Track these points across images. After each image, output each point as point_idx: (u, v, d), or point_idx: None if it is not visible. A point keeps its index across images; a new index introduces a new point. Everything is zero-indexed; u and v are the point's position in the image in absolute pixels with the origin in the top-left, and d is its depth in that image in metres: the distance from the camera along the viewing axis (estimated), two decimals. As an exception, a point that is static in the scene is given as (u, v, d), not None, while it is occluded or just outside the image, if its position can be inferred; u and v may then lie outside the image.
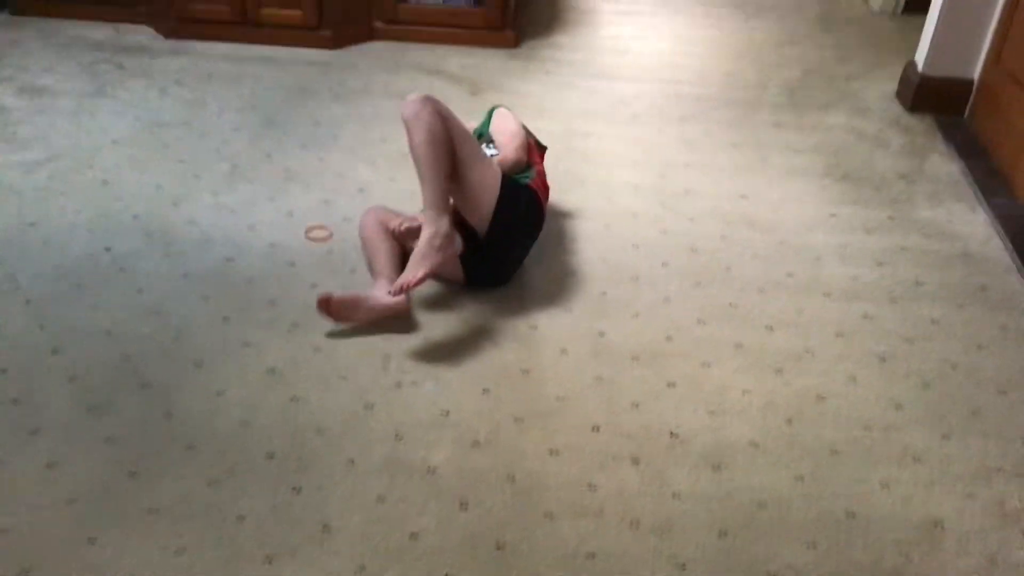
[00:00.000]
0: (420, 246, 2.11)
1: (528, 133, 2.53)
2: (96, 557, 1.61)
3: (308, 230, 2.53)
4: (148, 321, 2.17)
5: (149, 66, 3.47)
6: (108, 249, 2.42)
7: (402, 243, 2.32)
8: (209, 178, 2.76)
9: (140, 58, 3.53)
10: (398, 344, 2.13)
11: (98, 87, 3.29)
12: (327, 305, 2.11)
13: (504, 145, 2.40)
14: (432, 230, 2.11)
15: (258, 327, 2.17)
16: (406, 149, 2.95)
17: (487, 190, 2.20)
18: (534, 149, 2.52)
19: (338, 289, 2.19)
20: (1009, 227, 2.63)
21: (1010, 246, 2.56)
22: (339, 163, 2.87)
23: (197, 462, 1.80)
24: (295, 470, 1.80)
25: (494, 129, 2.48)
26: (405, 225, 2.26)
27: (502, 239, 2.25)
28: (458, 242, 2.22)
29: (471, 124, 2.71)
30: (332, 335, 2.15)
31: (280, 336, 2.14)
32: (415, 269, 2.09)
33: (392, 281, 2.18)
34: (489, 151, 2.42)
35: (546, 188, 2.43)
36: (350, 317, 2.15)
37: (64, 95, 3.22)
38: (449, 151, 2.15)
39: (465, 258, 2.27)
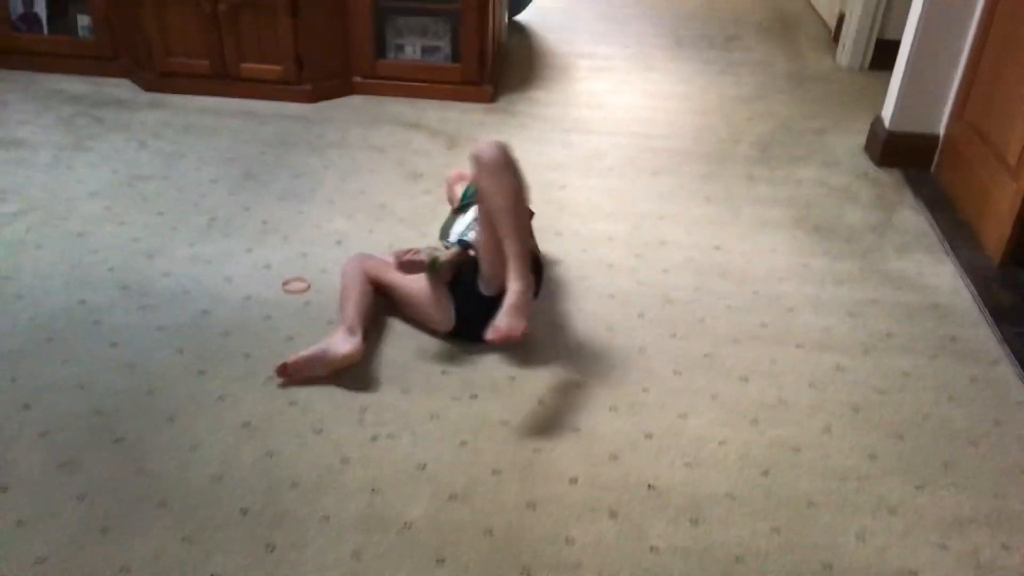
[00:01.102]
0: (516, 299, 2.09)
1: None
2: (64, 618, 1.57)
3: (286, 282, 2.53)
4: (122, 375, 2.16)
5: (128, 119, 3.49)
6: (83, 302, 2.41)
7: (405, 272, 2.25)
8: (186, 230, 2.77)
9: (119, 111, 3.55)
10: (374, 397, 2.13)
11: (76, 140, 3.30)
12: (284, 371, 2.14)
13: None
14: (525, 284, 2.12)
15: (233, 380, 2.16)
16: (383, 201, 3.00)
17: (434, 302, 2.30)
18: None
19: (310, 343, 2.19)
20: (976, 278, 2.69)
21: (978, 297, 2.61)
22: (317, 215, 2.89)
23: (170, 518, 1.78)
24: (269, 526, 1.78)
25: None
26: (410, 256, 2.23)
27: None
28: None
29: (459, 186, 2.75)
30: (308, 389, 2.14)
31: (255, 389, 2.13)
32: (518, 321, 2.06)
33: (352, 331, 2.20)
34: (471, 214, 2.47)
35: None
36: (311, 374, 2.15)
37: (42, 147, 3.23)
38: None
39: (460, 308, 2.28)
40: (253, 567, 1.69)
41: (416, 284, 2.30)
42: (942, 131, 3.30)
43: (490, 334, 2.05)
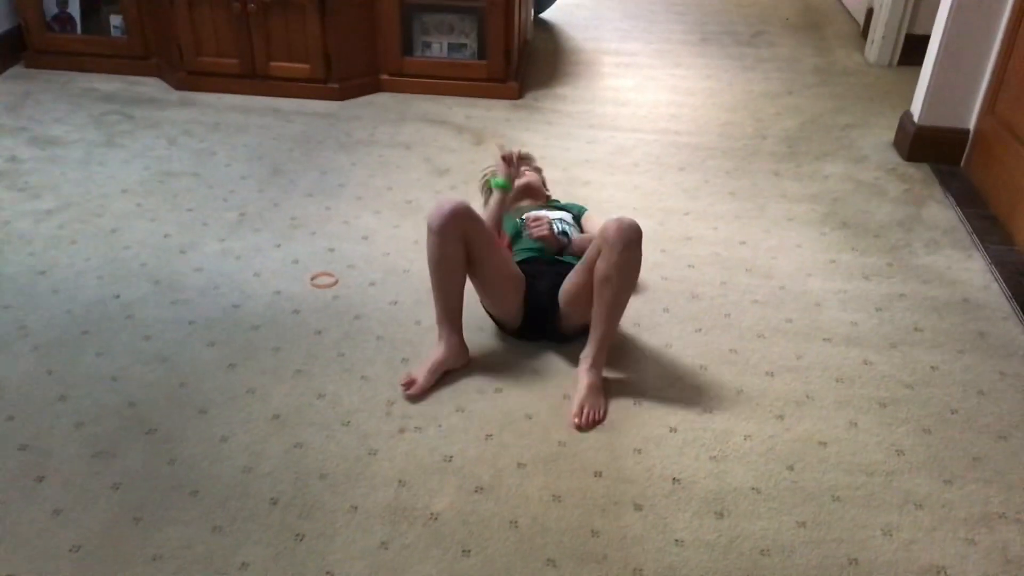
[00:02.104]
0: (592, 380, 2.12)
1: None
2: (99, 604, 1.61)
3: (313, 277, 2.56)
4: (154, 368, 2.20)
5: (159, 117, 3.54)
6: (116, 296, 2.45)
7: (517, 165, 2.40)
8: (216, 226, 2.81)
9: (149, 109, 3.60)
10: (401, 391, 2.15)
11: (108, 137, 3.36)
12: (419, 393, 2.14)
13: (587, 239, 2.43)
14: (600, 368, 2.15)
15: (262, 374, 2.19)
16: (410, 197, 3.02)
17: (511, 296, 2.25)
18: None
19: (337, 338, 2.21)
20: (1007, 273, 2.66)
21: (1008, 292, 2.58)
22: (344, 211, 2.92)
23: (200, 508, 1.81)
24: (298, 516, 1.80)
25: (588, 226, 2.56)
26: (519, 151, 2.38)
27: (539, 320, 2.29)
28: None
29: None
30: (335, 382, 2.17)
31: (284, 383, 2.16)
32: (599, 402, 2.10)
33: (458, 333, 2.20)
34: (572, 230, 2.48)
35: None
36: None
37: (75, 145, 3.29)
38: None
39: (530, 309, 2.27)
40: (282, 556, 1.71)
41: (508, 268, 2.24)
42: (972, 125, 3.27)
43: (576, 420, 2.06)
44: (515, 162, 2.41)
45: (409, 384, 2.13)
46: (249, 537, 1.75)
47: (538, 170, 2.76)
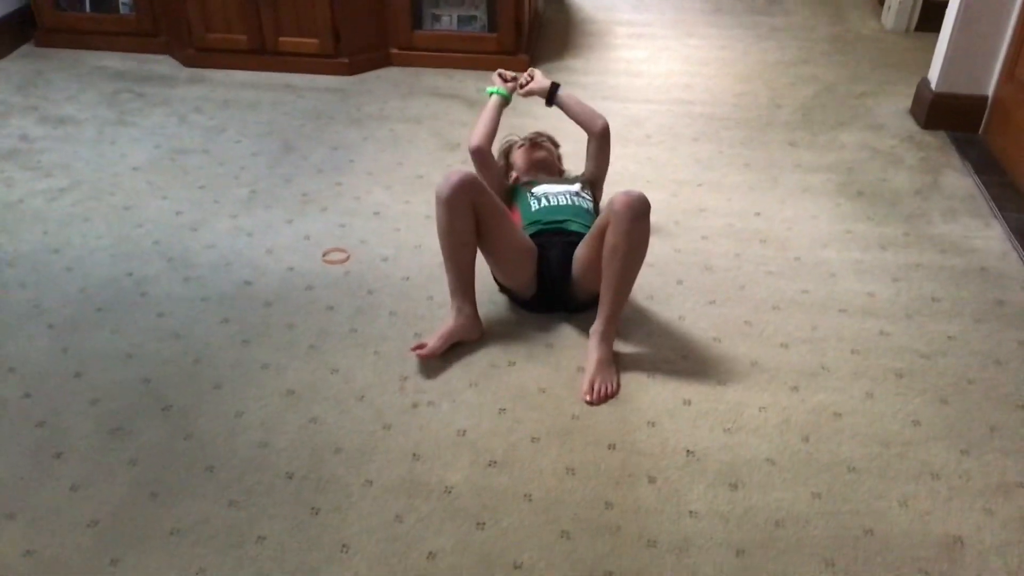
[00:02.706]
0: (603, 355, 2.11)
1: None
2: (118, 578, 1.63)
3: (325, 253, 2.56)
4: (168, 344, 2.20)
5: (169, 94, 3.53)
6: (130, 274, 2.46)
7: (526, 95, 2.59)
8: (228, 203, 2.80)
9: (160, 87, 3.60)
10: (414, 365, 2.15)
11: (119, 115, 3.36)
12: (430, 356, 2.15)
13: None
14: (611, 342, 2.15)
15: (276, 350, 2.19)
16: (421, 172, 3.01)
17: (523, 266, 2.25)
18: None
19: (350, 313, 2.21)
20: (1025, 242, 2.63)
21: (1027, 261, 2.55)
22: (355, 187, 2.91)
23: (217, 483, 1.82)
24: (313, 490, 1.81)
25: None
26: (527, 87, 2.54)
27: (554, 290, 2.28)
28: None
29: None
30: (349, 358, 2.17)
31: (298, 358, 2.17)
32: (610, 377, 2.09)
33: (471, 304, 2.20)
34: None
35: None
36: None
37: (86, 124, 3.29)
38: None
39: (543, 278, 2.27)
40: (298, 530, 1.72)
41: (518, 238, 2.23)
42: (991, 92, 3.21)
43: (587, 397, 2.06)
44: (511, 80, 2.58)
45: (420, 347, 2.14)
46: (265, 511, 1.76)
47: (556, 145, 2.75)
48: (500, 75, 2.59)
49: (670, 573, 1.65)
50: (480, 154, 2.43)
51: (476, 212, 2.10)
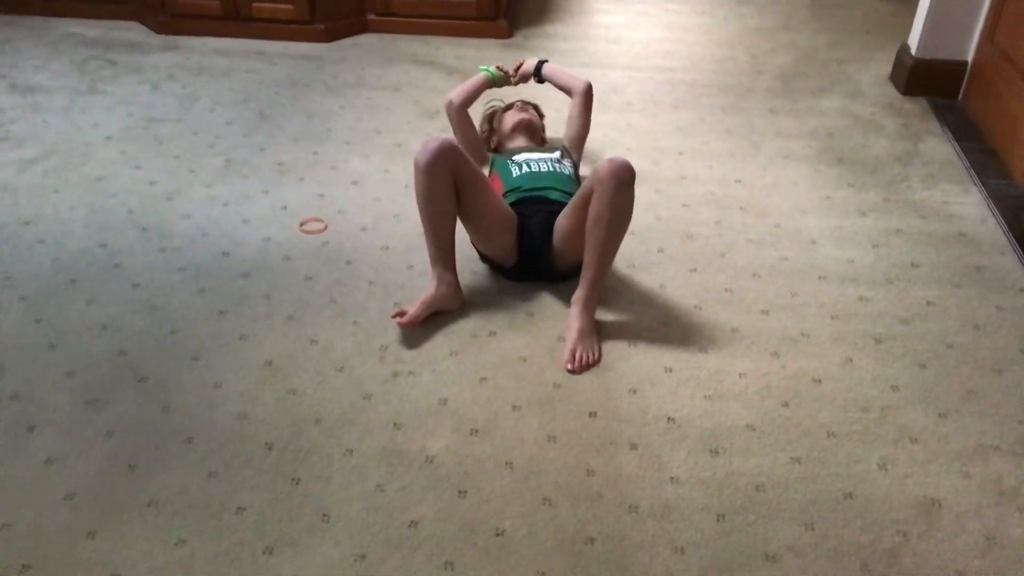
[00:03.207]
0: (584, 325, 2.09)
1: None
2: (96, 551, 1.61)
3: (303, 223, 2.53)
4: (144, 316, 2.17)
5: (141, 62, 3.46)
6: (103, 245, 2.42)
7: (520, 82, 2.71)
8: (203, 173, 2.76)
9: (131, 54, 3.52)
10: (395, 335, 2.13)
11: (90, 84, 3.29)
12: (410, 323, 2.12)
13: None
14: (592, 311, 2.13)
15: (254, 320, 2.17)
16: (400, 140, 2.98)
17: (503, 234, 2.23)
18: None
19: (328, 284, 2.19)
20: (1004, 207, 2.64)
21: (1005, 226, 2.56)
22: (333, 156, 2.87)
23: (196, 455, 1.81)
24: (293, 461, 1.80)
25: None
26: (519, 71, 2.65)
27: (535, 259, 2.26)
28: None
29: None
30: (328, 329, 2.15)
31: (276, 329, 2.15)
32: (591, 345, 2.08)
33: (452, 272, 2.18)
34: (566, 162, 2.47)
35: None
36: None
37: (57, 92, 3.22)
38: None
39: (524, 246, 2.25)
40: (279, 500, 1.71)
41: (498, 206, 2.22)
42: (971, 57, 3.21)
43: (568, 365, 2.05)
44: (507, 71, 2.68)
45: (400, 314, 2.12)
46: (245, 482, 1.75)
47: (541, 116, 2.74)
48: (499, 66, 2.70)
49: (651, 538, 1.66)
50: (457, 111, 2.46)
51: (455, 179, 2.08)
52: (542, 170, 2.36)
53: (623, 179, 2.00)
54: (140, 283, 2.28)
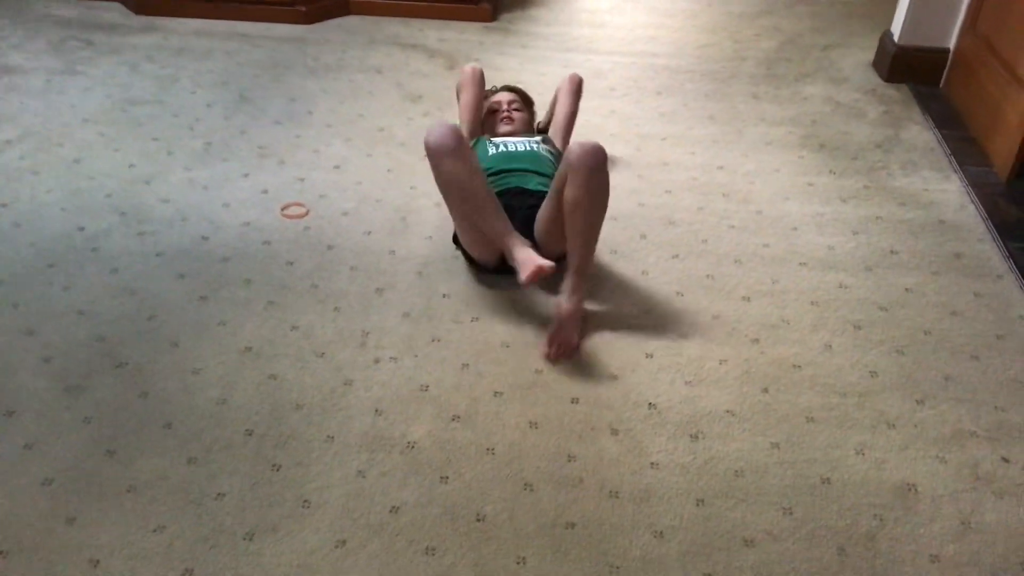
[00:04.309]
0: (568, 313, 2.07)
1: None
2: (75, 536, 1.60)
3: (284, 207, 2.51)
4: (122, 300, 2.16)
5: (119, 43, 3.42)
6: (81, 229, 2.39)
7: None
8: (182, 156, 2.73)
9: (110, 35, 3.48)
10: (375, 322, 2.13)
11: (68, 64, 3.24)
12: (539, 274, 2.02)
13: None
14: (579, 298, 2.11)
15: (234, 306, 2.16)
16: (382, 124, 2.96)
17: (488, 249, 2.22)
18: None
19: (309, 269, 2.18)
20: (983, 195, 2.66)
21: (984, 213, 2.58)
22: (314, 139, 2.85)
23: (175, 440, 1.80)
24: (274, 447, 1.80)
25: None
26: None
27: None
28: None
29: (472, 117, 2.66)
30: (308, 314, 2.14)
31: (256, 315, 2.13)
32: (572, 334, 2.07)
33: (517, 237, 2.10)
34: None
35: None
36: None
37: (33, 73, 3.17)
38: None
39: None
40: (259, 486, 1.71)
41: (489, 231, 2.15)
42: (953, 45, 3.22)
43: (546, 351, 2.04)
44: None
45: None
46: (225, 468, 1.75)
47: (530, 103, 2.70)
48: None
49: (631, 523, 1.67)
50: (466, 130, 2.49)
51: (468, 150, 2.05)
52: (519, 150, 2.35)
53: (593, 165, 1.99)
54: (118, 268, 2.26)
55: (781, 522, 1.68)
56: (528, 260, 2.02)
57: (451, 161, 2.03)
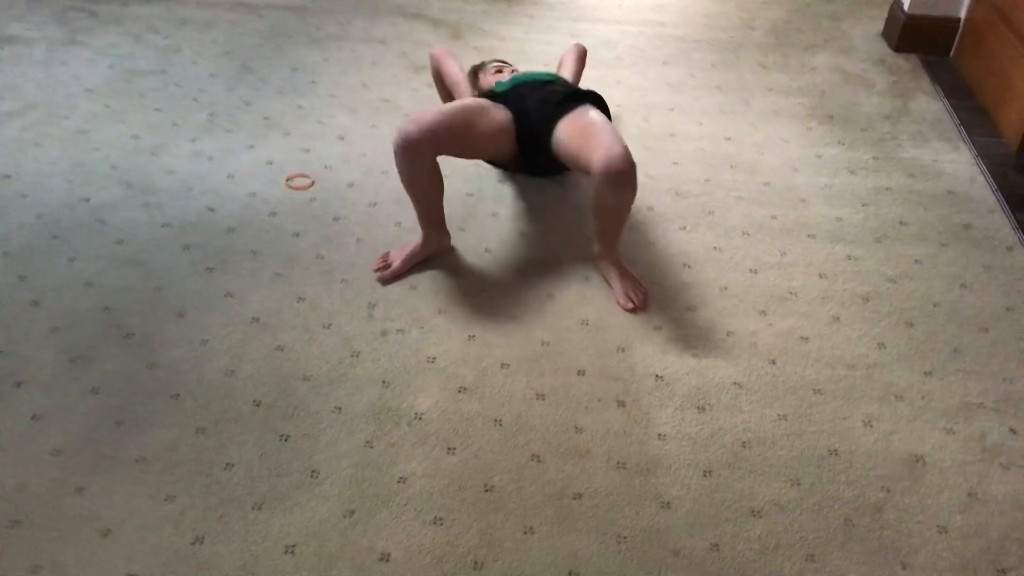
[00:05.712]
0: (623, 271, 2.15)
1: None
2: (85, 507, 1.61)
3: (289, 178, 2.50)
4: (129, 272, 2.15)
5: (121, 13, 3.38)
6: (86, 200, 2.38)
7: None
8: (187, 127, 2.72)
9: (112, 5, 3.44)
10: (382, 293, 2.12)
11: (70, 35, 3.21)
12: (392, 278, 2.16)
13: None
14: (619, 264, 2.17)
15: (240, 277, 2.15)
16: (386, 95, 2.93)
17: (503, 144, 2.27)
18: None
19: (315, 240, 2.17)
20: (993, 166, 2.64)
21: (994, 185, 2.56)
22: (318, 110, 2.83)
23: (183, 411, 1.80)
24: (282, 418, 1.80)
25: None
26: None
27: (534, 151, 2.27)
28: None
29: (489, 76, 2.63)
30: (315, 286, 2.13)
31: (263, 286, 2.13)
32: (639, 287, 2.14)
33: (440, 231, 2.21)
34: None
35: None
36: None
37: (35, 43, 3.15)
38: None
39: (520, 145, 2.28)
40: (267, 456, 1.72)
41: (492, 133, 2.22)
42: (963, 14, 3.18)
43: (628, 305, 2.09)
44: None
45: (384, 267, 2.16)
46: (233, 438, 1.75)
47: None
48: None
49: (638, 494, 1.67)
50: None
51: (442, 149, 2.09)
52: (531, 71, 2.42)
53: (622, 183, 1.97)
54: (124, 239, 2.25)
55: (788, 493, 1.69)
56: (406, 248, 2.18)
57: (402, 163, 2.07)
